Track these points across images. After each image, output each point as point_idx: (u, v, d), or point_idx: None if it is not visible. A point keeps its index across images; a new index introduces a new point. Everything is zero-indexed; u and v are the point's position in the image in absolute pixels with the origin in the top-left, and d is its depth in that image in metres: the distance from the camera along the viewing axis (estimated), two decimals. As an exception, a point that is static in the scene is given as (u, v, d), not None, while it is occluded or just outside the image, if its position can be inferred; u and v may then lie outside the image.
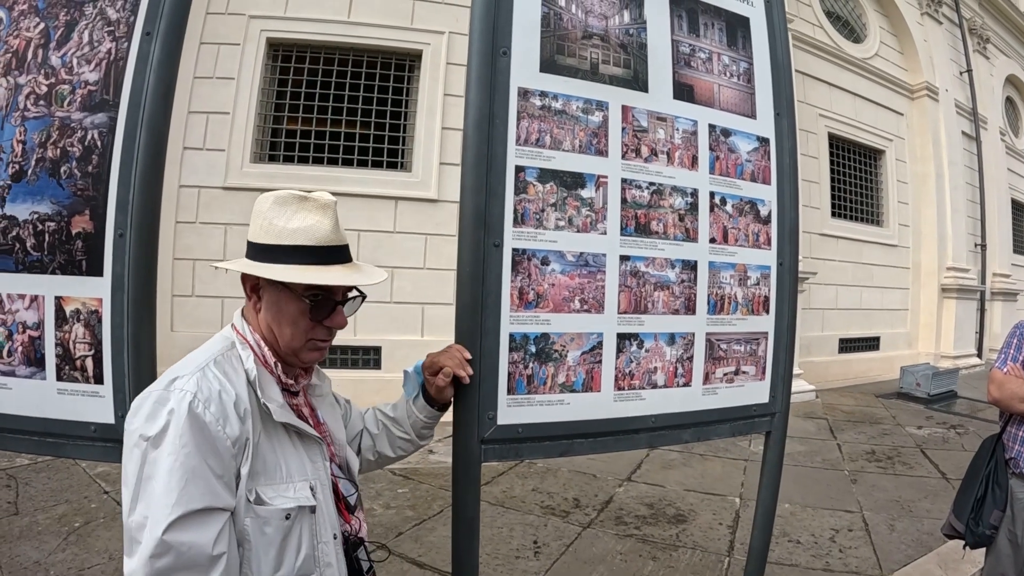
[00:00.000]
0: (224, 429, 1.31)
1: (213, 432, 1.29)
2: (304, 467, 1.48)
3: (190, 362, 1.40)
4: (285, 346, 1.50)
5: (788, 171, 2.54)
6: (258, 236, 1.47)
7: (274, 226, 1.46)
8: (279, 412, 1.43)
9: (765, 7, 2.58)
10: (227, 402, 1.34)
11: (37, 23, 2.05)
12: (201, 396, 1.30)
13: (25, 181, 1.96)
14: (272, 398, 1.44)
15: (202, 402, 1.30)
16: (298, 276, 1.42)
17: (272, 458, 1.42)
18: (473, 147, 1.95)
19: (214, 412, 1.30)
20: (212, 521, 1.27)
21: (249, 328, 1.52)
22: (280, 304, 1.48)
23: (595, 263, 2.10)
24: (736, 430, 2.48)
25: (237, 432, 1.33)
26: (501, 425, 1.98)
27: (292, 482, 1.43)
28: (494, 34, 1.99)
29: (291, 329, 1.48)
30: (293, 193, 1.48)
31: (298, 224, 1.45)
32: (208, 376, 1.36)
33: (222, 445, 1.30)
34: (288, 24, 7.94)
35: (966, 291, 13.37)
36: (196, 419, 1.28)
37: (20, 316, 1.96)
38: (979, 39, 15.21)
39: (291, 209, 1.47)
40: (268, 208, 1.47)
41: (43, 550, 3.97)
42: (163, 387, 1.32)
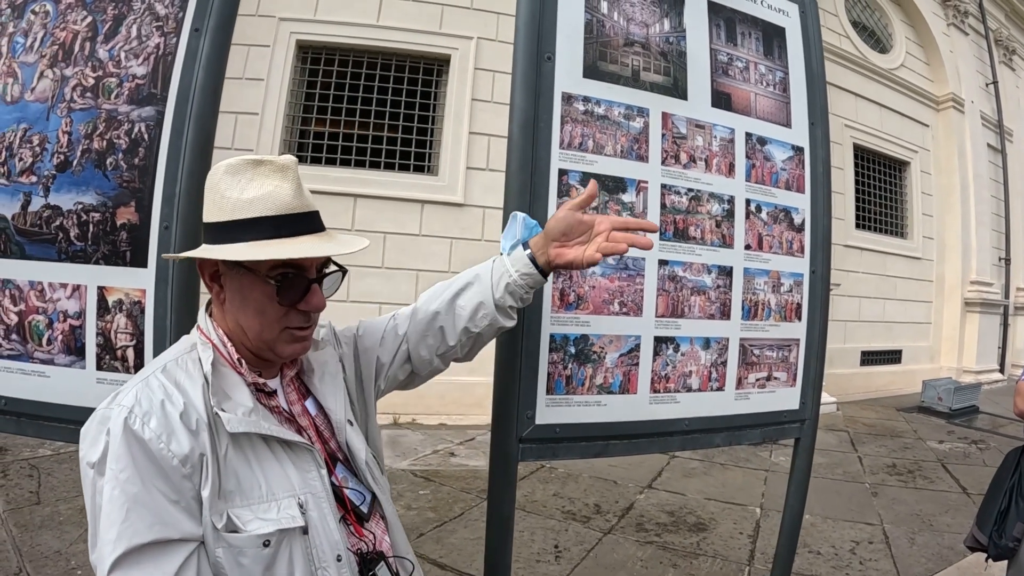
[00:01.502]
0: (169, 446, 1.09)
1: (155, 451, 1.08)
2: (289, 480, 1.23)
3: (140, 373, 1.22)
4: (257, 340, 1.28)
5: (821, 180, 2.54)
6: (211, 214, 1.25)
7: (227, 199, 1.23)
8: (235, 421, 1.17)
9: (800, 17, 2.59)
10: (171, 413, 1.12)
11: (84, 16, 2.07)
12: (139, 410, 1.10)
13: (70, 172, 1.98)
14: (237, 403, 1.21)
15: (139, 416, 1.09)
16: (255, 252, 1.19)
17: (247, 473, 1.19)
18: (518, 150, 1.97)
19: (154, 427, 1.09)
20: (167, 556, 1.07)
21: (212, 324, 1.31)
22: (243, 291, 1.26)
23: (635, 267, 2.11)
24: (767, 435, 2.49)
25: (187, 448, 1.11)
26: (539, 425, 1.99)
27: (275, 500, 1.20)
28: (539, 39, 2.02)
29: (259, 319, 1.26)
30: (245, 159, 1.24)
31: (254, 193, 1.22)
32: (151, 385, 1.15)
33: (168, 465, 1.09)
34: (318, 27, 8.00)
35: (989, 305, 13.24)
36: (133, 437, 1.08)
37: (61, 305, 1.98)
38: (1005, 50, 15.08)
39: (245, 177, 1.23)
40: (219, 180, 1.24)
41: (64, 540, 4.02)
42: (106, 404, 1.14)
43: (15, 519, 4.25)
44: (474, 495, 5.25)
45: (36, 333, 1.99)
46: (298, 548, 1.19)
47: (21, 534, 4.05)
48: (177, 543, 1.09)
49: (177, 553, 1.08)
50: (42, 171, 1.99)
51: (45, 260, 1.98)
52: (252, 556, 1.14)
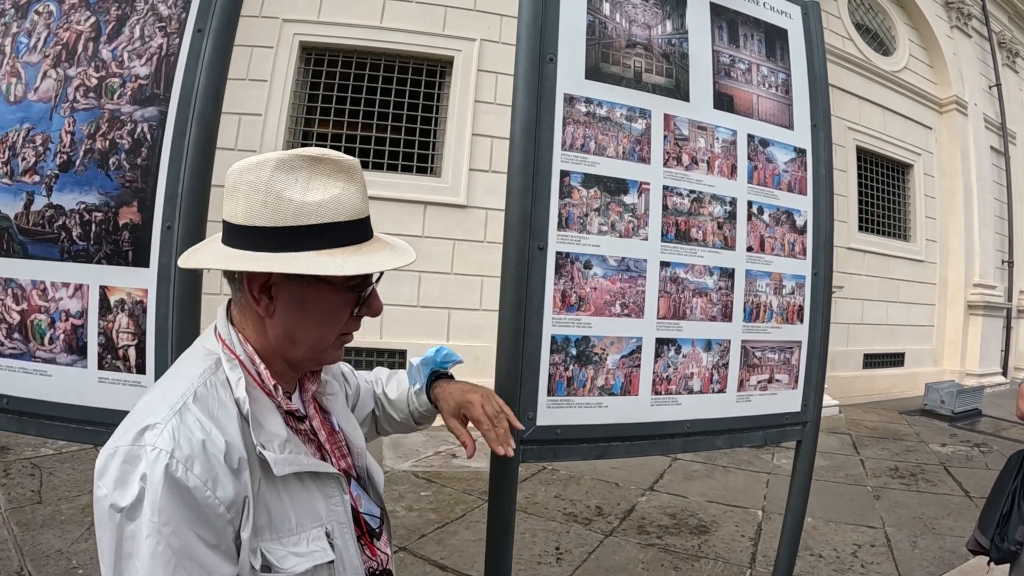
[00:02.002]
0: (215, 493, 1.00)
1: (200, 499, 0.98)
2: (316, 509, 1.17)
3: (163, 398, 1.07)
4: (310, 351, 1.19)
5: (824, 182, 2.54)
6: (260, 217, 1.08)
7: (285, 201, 1.07)
8: (281, 462, 1.10)
9: (803, 19, 2.59)
10: (214, 456, 1.01)
11: (88, 16, 2.07)
12: (180, 454, 0.98)
13: (73, 171, 1.98)
14: (273, 435, 1.12)
15: (182, 462, 0.97)
16: (342, 266, 1.08)
17: (278, 508, 1.11)
18: (520, 151, 1.97)
19: (199, 474, 0.98)
20: None
21: (239, 338, 1.18)
22: (309, 304, 1.14)
23: (636, 268, 2.12)
24: (768, 438, 2.49)
25: (232, 493, 1.02)
26: (540, 426, 2.00)
27: (304, 532, 1.13)
28: (541, 41, 2.02)
29: (321, 329, 1.17)
30: (299, 154, 1.09)
31: (320, 196, 1.09)
32: (188, 422, 1.02)
33: (213, 512, 1.00)
34: (321, 28, 8.02)
35: (992, 308, 13.21)
36: (176, 486, 0.97)
37: (63, 304, 1.98)
38: (1008, 53, 15.04)
39: (303, 175, 1.09)
40: (269, 178, 1.08)
41: (66, 539, 4.01)
42: (131, 440, 1.00)
43: (17, 518, 4.25)
44: (475, 496, 5.24)
45: (38, 332, 1.99)
46: None
47: (23, 533, 4.05)
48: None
49: None
50: (45, 171, 1.99)
51: (47, 259, 1.99)
52: None
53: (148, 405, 1.06)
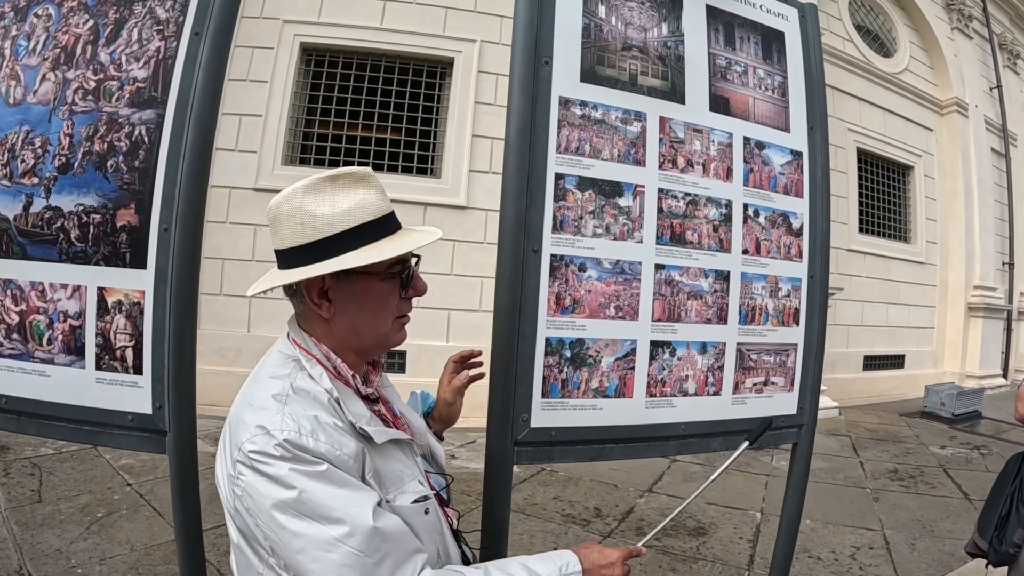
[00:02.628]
0: (343, 451, 1.20)
1: (334, 458, 1.18)
2: (404, 471, 1.37)
3: (266, 397, 1.25)
4: (373, 338, 1.38)
5: (820, 184, 2.54)
6: (301, 236, 1.29)
7: (318, 217, 1.27)
8: (379, 433, 1.31)
9: (800, 22, 2.59)
10: (328, 425, 1.22)
11: (87, 20, 2.09)
12: (304, 430, 1.18)
13: (71, 174, 2.00)
14: (359, 415, 1.30)
15: (308, 435, 1.17)
16: (379, 254, 1.28)
17: (384, 467, 1.32)
18: (515, 154, 1.97)
19: (325, 440, 1.19)
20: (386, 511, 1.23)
21: (312, 341, 1.37)
22: (360, 296, 1.34)
23: (631, 271, 2.12)
24: (764, 440, 2.48)
25: (354, 448, 1.22)
26: (535, 428, 2.00)
27: (404, 483, 1.34)
28: (536, 44, 2.02)
29: (377, 316, 1.36)
30: (319, 177, 1.30)
31: (345, 205, 1.29)
32: (297, 408, 1.22)
33: (347, 466, 1.20)
34: (321, 29, 8.04)
35: (993, 310, 13.21)
36: (311, 450, 1.16)
37: (61, 305, 2.00)
38: (1009, 54, 15.04)
39: (327, 193, 1.29)
40: (301, 202, 1.28)
41: (65, 539, 4.03)
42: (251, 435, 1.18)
43: (16, 517, 4.27)
44: (475, 497, 5.24)
45: (37, 333, 2.01)
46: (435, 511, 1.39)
47: (22, 532, 4.07)
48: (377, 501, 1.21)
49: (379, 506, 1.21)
50: (44, 173, 2.01)
51: (46, 261, 2.00)
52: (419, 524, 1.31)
53: (252, 408, 1.25)
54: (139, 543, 4.05)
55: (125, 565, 3.78)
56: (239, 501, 1.19)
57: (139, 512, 4.53)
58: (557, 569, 1.39)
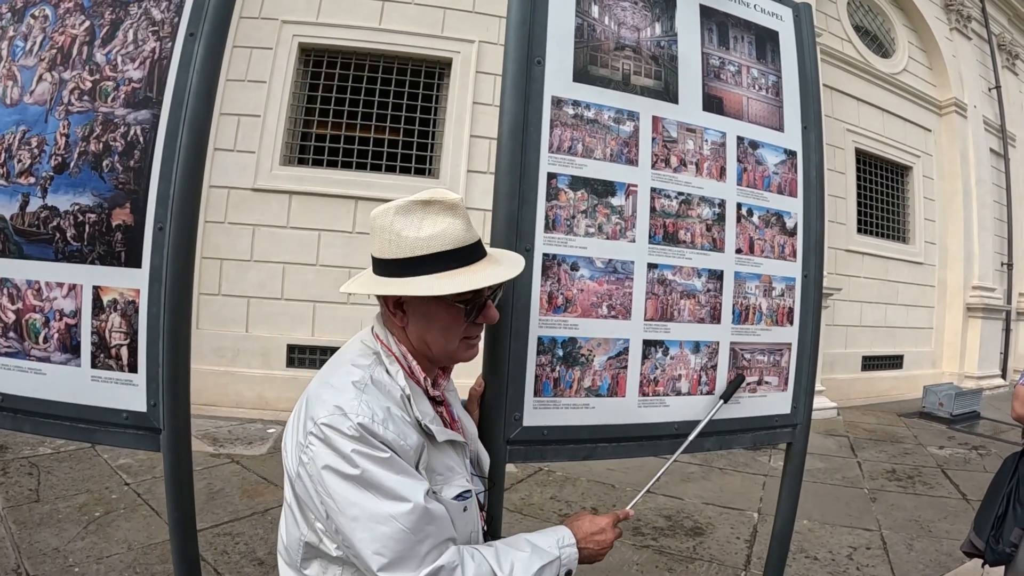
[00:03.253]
0: (406, 442, 1.35)
1: (398, 447, 1.33)
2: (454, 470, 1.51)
3: (347, 382, 1.39)
4: (441, 352, 1.51)
5: (815, 184, 2.54)
6: (386, 251, 1.44)
7: (403, 238, 1.41)
8: (440, 432, 1.46)
9: (794, 21, 2.59)
10: (397, 418, 1.37)
11: (83, 21, 2.10)
12: (377, 418, 1.32)
13: (67, 173, 2.01)
14: (424, 413, 1.45)
15: (379, 423, 1.32)
16: (444, 287, 1.39)
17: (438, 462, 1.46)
18: (507, 153, 1.98)
19: (393, 430, 1.33)
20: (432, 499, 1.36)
21: (394, 339, 1.52)
22: (429, 316, 1.47)
23: (623, 270, 2.12)
24: (758, 440, 2.49)
25: (415, 442, 1.37)
26: (527, 427, 2.00)
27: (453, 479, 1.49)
28: (529, 43, 2.03)
29: (444, 335, 1.49)
30: (413, 200, 1.42)
31: (430, 231, 1.41)
32: (373, 397, 1.37)
33: (408, 456, 1.35)
34: (320, 30, 8.04)
35: (992, 311, 13.20)
36: (380, 436, 1.31)
37: (57, 304, 2.01)
38: (1008, 55, 15.03)
39: (416, 217, 1.42)
40: (392, 221, 1.42)
41: (63, 537, 4.05)
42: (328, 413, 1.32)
43: (14, 516, 4.28)
44: (472, 497, 5.25)
45: (33, 331, 2.02)
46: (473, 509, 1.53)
47: (20, 531, 4.08)
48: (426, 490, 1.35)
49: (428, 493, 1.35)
50: (40, 172, 2.02)
51: (42, 260, 2.02)
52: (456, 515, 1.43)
53: (332, 388, 1.39)
54: (136, 542, 4.06)
55: (122, 564, 3.79)
56: (303, 468, 1.34)
57: (137, 511, 4.54)
58: (555, 542, 1.55)
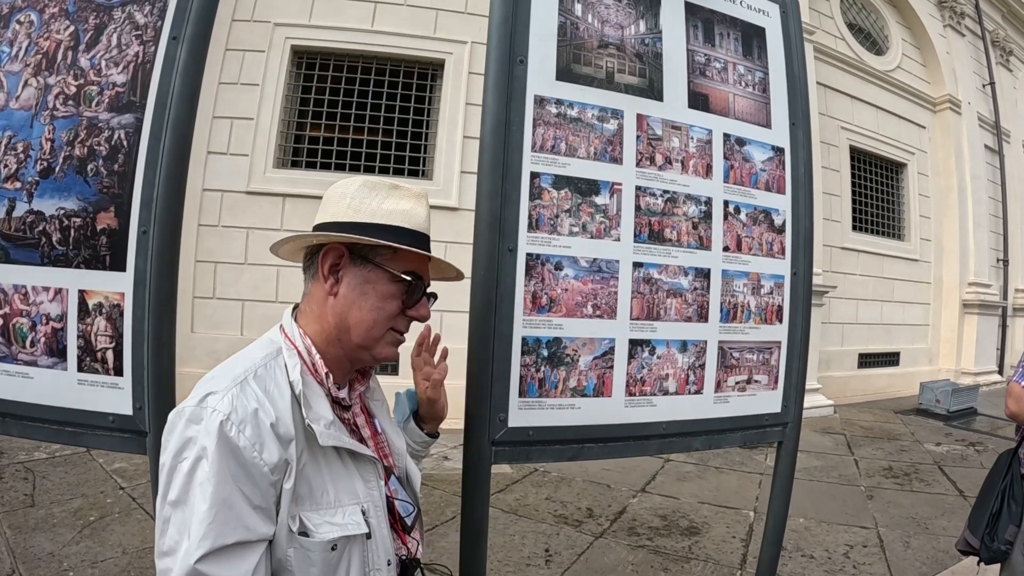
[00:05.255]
0: (261, 455, 1.16)
1: (248, 458, 1.15)
2: (355, 489, 1.33)
3: (228, 372, 1.25)
4: (364, 336, 1.36)
5: (803, 181, 2.54)
6: (344, 215, 1.36)
7: (365, 205, 1.36)
8: (325, 435, 1.26)
9: (781, 18, 2.59)
10: (264, 423, 1.18)
11: (67, 26, 2.10)
12: (235, 417, 1.15)
13: (53, 178, 2.01)
14: (320, 416, 1.28)
15: (235, 424, 1.15)
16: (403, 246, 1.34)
17: (318, 481, 1.28)
18: (489, 153, 1.98)
19: (249, 436, 1.15)
20: (246, 555, 1.15)
21: (300, 331, 1.38)
22: (367, 285, 1.35)
23: (608, 269, 2.12)
24: (747, 439, 2.48)
25: (276, 457, 1.18)
26: (512, 427, 2.00)
27: (341, 507, 1.29)
28: (511, 43, 2.03)
29: (375, 314, 1.35)
30: (383, 180, 1.40)
31: (393, 206, 1.37)
32: (246, 392, 1.21)
33: (258, 472, 1.16)
34: (312, 32, 8.03)
35: (988, 307, 13.21)
36: (228, 443, 1.13)
37: (44, 308, 2.01)
38: (1002, 51, 15.07)
39: (382, 194, 1.38)
40: (356, 190, 1.38)
41: (57, 542, 4.03)
42: (196, 402, 1.18)
43: (9, 521, 4.27)
44: (467, 499, 5.24)
45: (20, 335, 2.02)
46: (357, 552, 1.29)
47: (15, 536, 4.07)
48: (255, 544, 1.17)
49: (253, 553, 1.16)
50: (26, 177, 2.02)
51: (29, 264, 2.02)
52: (320, 559, 1.23)
53: (214, 378, 1.24)
54: (131, 546, 4.05)
55: (117, 568, 3.78)
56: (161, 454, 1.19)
57: (131, 515, 4.53)
58: None
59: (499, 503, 5.18)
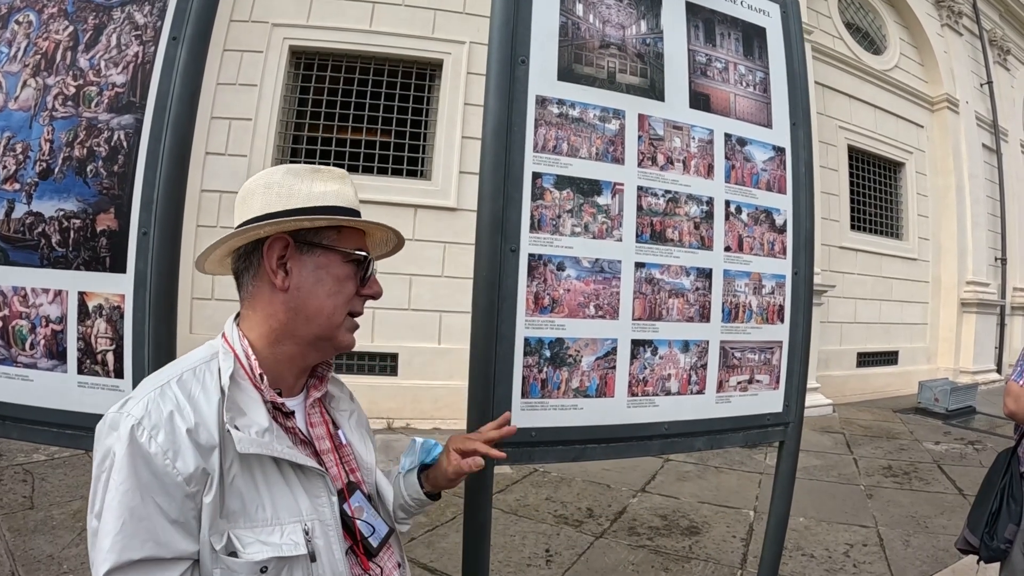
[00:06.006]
0: (174, 463, 1.06)
1: (159, 467, 1.06)
2: (297, 505, 1.20)
3: (155, 378, 1.18)
4: (323, 325, 1.28)
5: (804, 180, 2.54)
6: (275, 205, 1.27)
7: (297, 190, 1.29)
8: (247, 441, 1.14)
9: (781, 17, 2.59)
10: (180, 428, 1.09)
11: (66, 26, 2.09)
12: (147, 423, 1.07)
13: (52, 179, 2.00)
14: (252, 422, 1.17)
15: (147, 429, 1.06)
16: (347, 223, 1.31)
17: (252, 495, 1.16)
18: (491, 153, 1.98)
19: (161, 443, 1.06)
20: (158, 574, 1.06)
21: (239, 333, 1.29)
22: (320, 271, 1.28)
23: (610, 269, 2.12)
24: (749, 439, 2.48)
25: (192, 466, 1.08)
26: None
27: (279, 524, 1.17)
28: (513, 43, 2.02)
29: (334, 299, 1.28)
30: (303, 166, 1.33)
31: (324, 188, 1.31)
32: (166, 396, 1.12)
33: (171, 482, 1.06)
34: (310, 32, 8.02)
35: (986, 305, 13.22)
36: (138, 449, 1.05)
37: (44, 310, 2.00)
38: (1000, 50, 15.08)
39: (307, 179, 1.31)
40: (281, 178, 1.30)
41: (57, 544, 4.02)
42: (117, 408, 1.10)
43: (9, 523, 4.26)
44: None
45: (20, 338, 2.01)
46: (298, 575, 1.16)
47: (14, 538, 4.05)
48: (170, 562, 1.07)
49: (169, 572, 1.07)
50: (25, 179, 2.01)
51: (28, 266, 2.00)
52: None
53: (142, 384, 1.18)
54: (130, 549, 4.04)
55: (115, 571, 3.77)
56: None
57: (131, 518, 4.52)
58: None
59: (499, 503, 5.18)
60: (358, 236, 1.36)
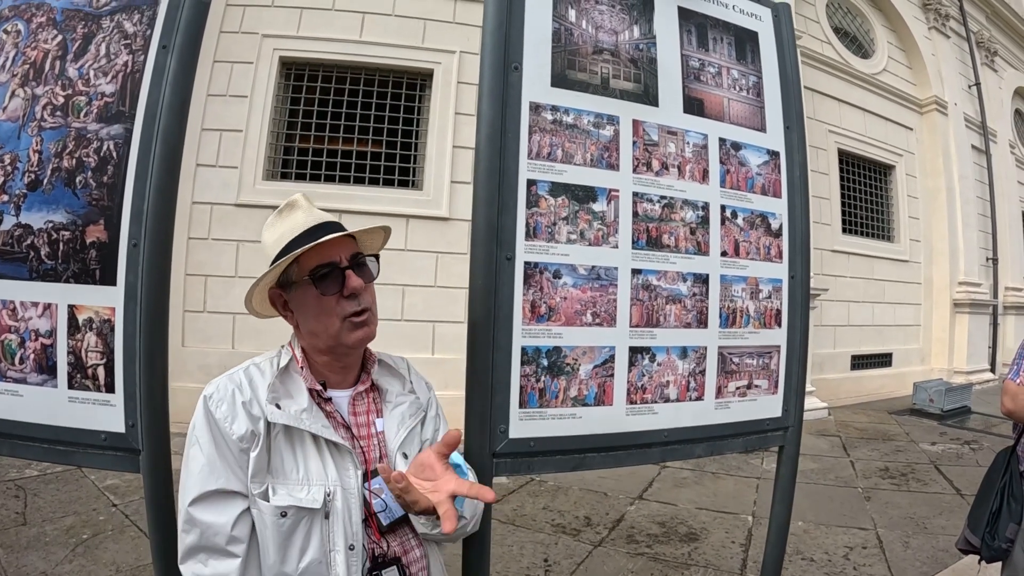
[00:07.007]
0: (231, 426, 1.45)
1: (222, 428, 1.45)
2: (324, 472, 1.49)
3: (237, 366, 1.58)
4: (331, 339, 1.55)
5: (799, 184, 2.53)
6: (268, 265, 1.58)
7: (267, 246, 1.61)
8: (277, 414, 1.48)
9: (774, 21, 2.59)
10: (237, 402, 1.48)
11: (55, 35, 2.06)
12: (216, 396, 1.48)
13: (41, 190, 1.97)
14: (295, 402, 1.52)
15: (215, 401, 1.47)
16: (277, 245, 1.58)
17: (290, 459, 1.49)
18: (485, 161, 1.95)
19: (224, 411, 1.46)
20: (230, 505, 1.43)
21: (296, 340, 1.64)
22: (302, 303, 1.56)
23: (607, 276, 2.09)
24: (749, 444, 2.46)
25: (243, 429, 1.45)
26: (513, 439, 1.96)
27: (308, 484, 1.48)
28: (506, 49, 2.00)
29: (321, 318, 1.53)
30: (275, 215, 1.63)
31: (279, 231, 1.59)
32: (233, 378, 1.53)
33: (229, 439, 1.45)
34: (301, 43, 8.02)
35: (979, 306, 13.28)
36: (210, 414, 1.46)
37: (33, 324, 1.96)
38: (987, 52, 15.20)
39: (274, 228, 1.61)
40: (263, 238, 1.64)
41: (50, 561, 3.98)
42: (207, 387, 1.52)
43: (1, 540, 4.22)
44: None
45: (9, 352, 1.97)
46: (317, 529, 1.46)
47: (7, 555, 4.02)
48: (237, 495, 1.44)
49: (237, 504, 1.44)
50: (13, 190, 1.98)
51: (17, 279, 1.97)
52: (271, 523, 1.43)
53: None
54: (125, 564, 4.00)
55: (109, 587, 3.74)
56: None
57: (124, 533, 4.48)
58: None
59: (496, 514, 5.15)
60: (322, 251, 1.54)
